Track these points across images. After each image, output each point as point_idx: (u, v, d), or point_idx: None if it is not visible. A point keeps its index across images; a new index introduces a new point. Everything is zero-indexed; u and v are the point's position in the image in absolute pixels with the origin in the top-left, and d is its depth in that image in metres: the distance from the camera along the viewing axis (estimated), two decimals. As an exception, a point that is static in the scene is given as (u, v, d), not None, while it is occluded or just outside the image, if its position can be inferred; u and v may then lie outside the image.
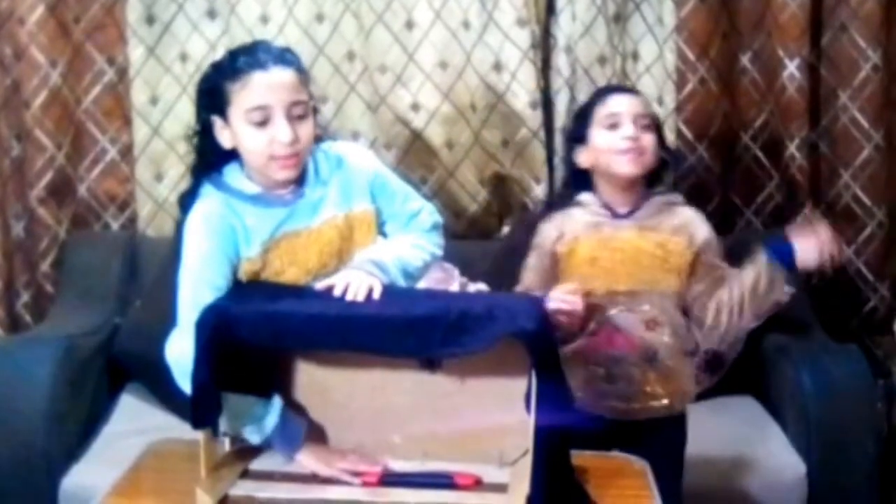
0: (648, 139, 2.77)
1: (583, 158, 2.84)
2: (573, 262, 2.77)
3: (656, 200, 2.82)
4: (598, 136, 2.80)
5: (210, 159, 2.42)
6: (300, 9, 3.78)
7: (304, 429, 2.30)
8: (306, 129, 2.35)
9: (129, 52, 3.82)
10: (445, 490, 2.21)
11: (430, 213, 2.56)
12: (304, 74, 2.40)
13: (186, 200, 2.41)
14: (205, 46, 3.77)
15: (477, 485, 2.23)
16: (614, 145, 2.75)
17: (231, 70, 2.34)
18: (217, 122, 2.37)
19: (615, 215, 2.79)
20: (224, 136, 2.37)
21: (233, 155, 2.40)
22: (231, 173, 2.40)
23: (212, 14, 3.81)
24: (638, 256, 2.76)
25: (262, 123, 2.31)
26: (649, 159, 2.77)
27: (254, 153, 2.34)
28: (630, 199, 2.81)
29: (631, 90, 3.00)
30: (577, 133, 2.88)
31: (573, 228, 2.80)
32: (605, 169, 2.78)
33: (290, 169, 2.35)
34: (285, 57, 2.38)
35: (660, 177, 2.90)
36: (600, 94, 2.93)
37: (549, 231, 2.84)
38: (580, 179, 2.89)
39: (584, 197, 2.84)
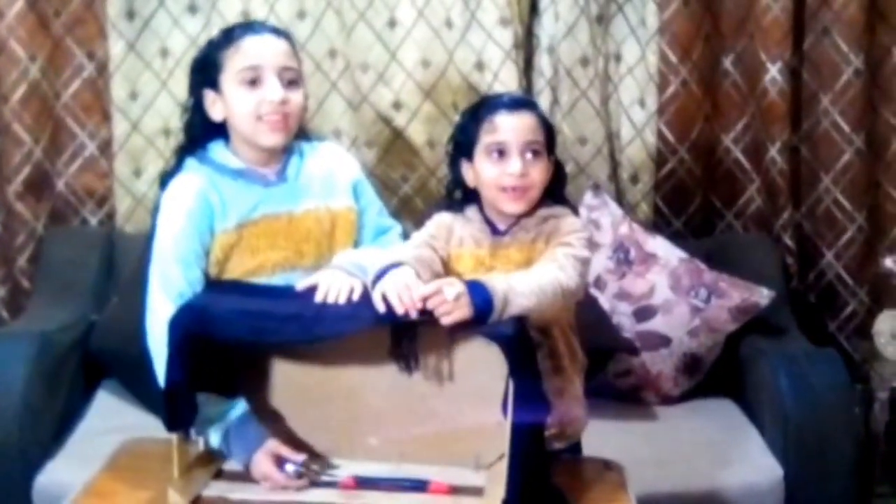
0: (537, 171, 2.37)
1: (469, 177, 2.43)
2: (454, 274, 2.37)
3: (539, 214, 2.41)
4: (483, 165, 2.37)
5: (197, 136, 2.44)
6: (282, 5, 3.77)
7: (264, 437, 2.27)
8: (297, 96, 2.40)
9: (109, 46, 3.79)
10: (420, 493, 2.20)
11: (398, 235, 2.59)
12: (295, 50, 2.46)
13: (168, 178, 2.43)
14: (185, 42, 3.75)
15: (450, 492, 2.22)
16: (499, 181, 2.35)
17: (225, 39, 2.41)
18: (208, 95, 2.41)
19: (495, 231, 2.41)
20: (215, 109, 2.41)
21: (219, 134, 2.43)
22: (215, 149, 2.43)
23: (193, 9, 3.79)
24: None
25: (253, 83, 2.36)
26: (536, 194, 2.38)
27: (243, 116, 2.37)
28: (513, 218, 2.43)
29: (522, 104, 2.46)
30: (463, 149, 2.43)
31: (460, 236, 2.43)
32: (490, 200, 2.40)
33: (278, 132, 2.38)
34: (278, 30, 2.47)
35: (555, 191, 2.46)
36: (489, 108, 2.42)
37: (442, 223, 2.46)
38: (466, 190, 2.46)
39: (470, 212, 2.45)
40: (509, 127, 2.36)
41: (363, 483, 2.24)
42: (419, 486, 2.22)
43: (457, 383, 2.25)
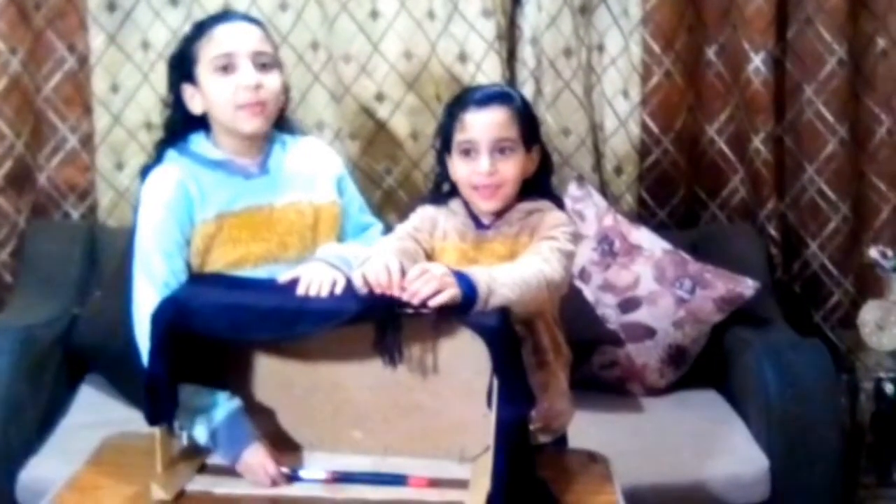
0: (508, 168, 2.33)
1: (452, 171, 2.42)
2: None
3: (523, 207, 2.40)
4: (456, 163, 2.38)
5: (177, 130, 2.44)
6: (263, -3, 3.77)
7: (254, 436, 2.26)
8: (272, 80, 2.39)
9: (90, 39, 3.77)
10: (405, 487, 2.21)
11: (378, 232, 2.60)
12: (269, 36, 2.46)
13: (148, 170, 2.43)
14: (167, 34, 3.74)
15: (430, 486, 2.22)
16: (469, 179, 2.35)
17: (198, 31, 2.42)
18: (187, 89, 2.41)
19: (479, 224, 2.40)
20: (194, 102, 2.41)
21: (200, 127, 2.44)
22: (196, 140, 2.43)
23: (174, 2, 3.77)
24: None
25: (227, 70, 2.36)
26: (509, 190, 2.36)
27: (221, 104, 2.37)
28: (496, 211, 2.41)
29: (493, 98, 2.39)
30: (445, 143, 2.43)
31: (444, 229, 2.43)
32: (466, 197, 2.41)
33: (256, 118, 2.38)
34: (250, 17, 2.49)
35: (540, 182, 2.45)
36: (460, 105, 2.40)
37: (427, 215, 2.46)
38: (453, 184, 2.45)
39: (454, 205, 2.44)
40: (477, 124, 2.35)
41: (340, 480, 2.24)
42: (397, 481, 2.23)
43: (441, 376, 2.24)
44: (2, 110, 3.71)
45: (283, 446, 2.33)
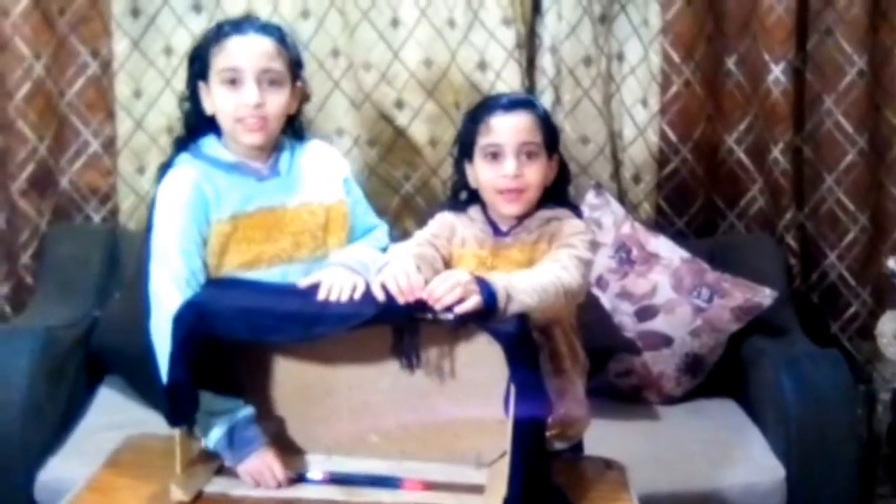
0: (533, 172, 2.37)
1: (471, 178, 2.46)
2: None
3: (542, 215, 2.42)
4: (480, 165, 2.41)
5: (193, 126, 2.48)
6: (285, 4, 3.78)
7: (261, 440, 2.28)
8: (276, 97, 2.41)
9: (114, 44, 3.80)
10: (399, 490, 2.23)
11: (384, 234, 2.62)
12: (287, 49, 2.46)
13: (165, 169, 2.46)
14: (189, 40, 3.72)
15: (425, 489, 2.23)
16: (494, 183, 2.38)
17: (214, 36, 2.44)
18: (203, 88, 2.44)
19: (497, 231, 2.43)
20: (208, 102, 2.44)
21: (214, 127, 2.46)
22: (208, 143, 2.46)
23: (197, 8, 3.80)
24: None
25: (233, 84, 2.38)
26: (533, 195, 2.39)
27: (224, 114, 2.41)
28: (516, 219, 2.44)
29: (519, 104, 2.45)
30: (465, 149, 2.46)
31: (462, 236, 2.45)
32: (488, 202, 2.44)
33: (255, 133, 2.40)
34: (268, 28, 2.47)
35: (558, 190, 2.49)
36: (485, 109, 2.44)
37: (445, 222, 2.49)
38: (471, 191, 2.49)
39: (473, 213, 2.47)
40: (504, 128, 2.38)
41: (337, 481, 2.26)
42: (391, 483, 2.25)
43: (458, 381, 2.25)
44: (25, 114, 3.73)
45: (299, 450, 2.35)
